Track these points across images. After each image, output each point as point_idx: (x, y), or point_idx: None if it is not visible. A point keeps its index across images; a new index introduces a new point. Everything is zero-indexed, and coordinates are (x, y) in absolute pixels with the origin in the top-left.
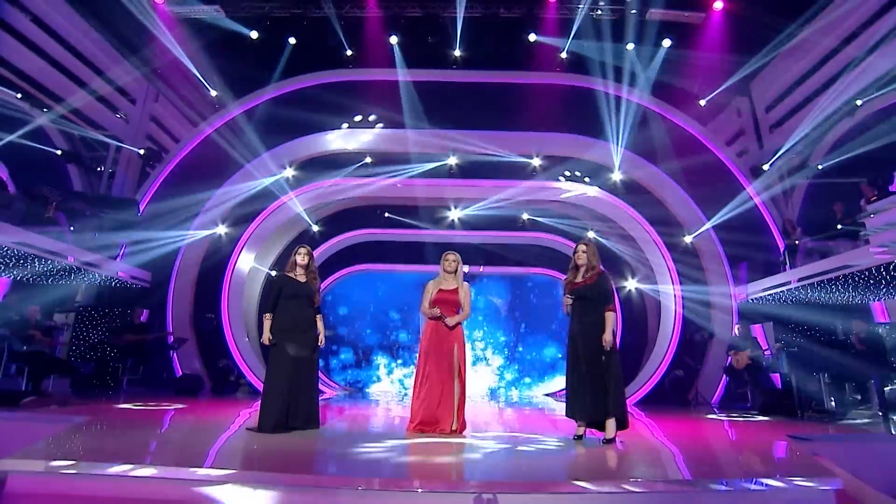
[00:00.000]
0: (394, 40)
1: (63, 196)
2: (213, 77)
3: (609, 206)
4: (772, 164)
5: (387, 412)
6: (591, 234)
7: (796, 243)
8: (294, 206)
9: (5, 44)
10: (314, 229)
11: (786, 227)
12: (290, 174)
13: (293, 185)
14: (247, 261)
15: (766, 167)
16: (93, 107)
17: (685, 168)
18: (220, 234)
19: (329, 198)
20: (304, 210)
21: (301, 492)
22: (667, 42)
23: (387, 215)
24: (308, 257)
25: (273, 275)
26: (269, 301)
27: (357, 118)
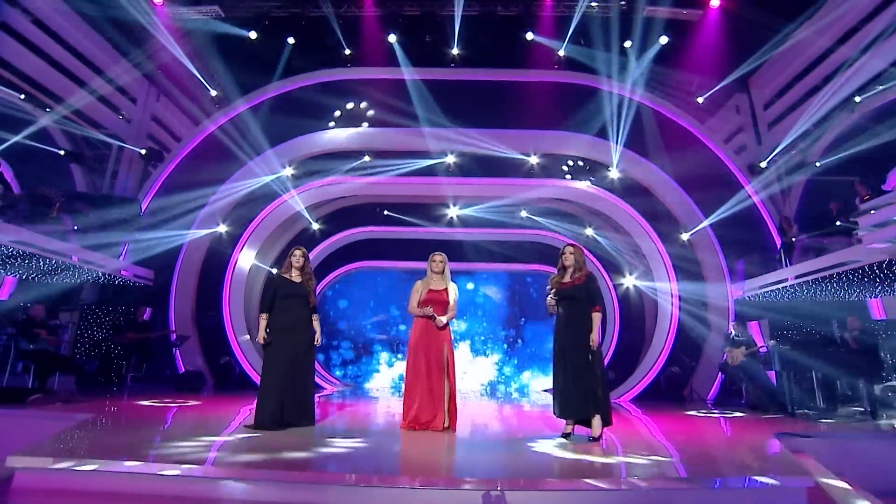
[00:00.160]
0: (392, 38)
1: (66, 196)
2: (213, 76)
3: (606, 204)
4: (769, 162)
5: (382, 408)
6: (588, 232)
7: (793, 240)
8: (294, 204)
9: (7, 46)
10: (314, 227)
11: (782, 224)
12: (289, 173)
13: (293, 184)
14: (248, 259)
15: (763, 164)
16: (94, 107)
17: (683, 165)
18: (221, 232)
19: (328, 196)
20: (305, 208)
21: (293, 488)
22: (664, 39)
23: (386, 213)
24: (303, 259)
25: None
26: (266, 301)
27: (356, 117)
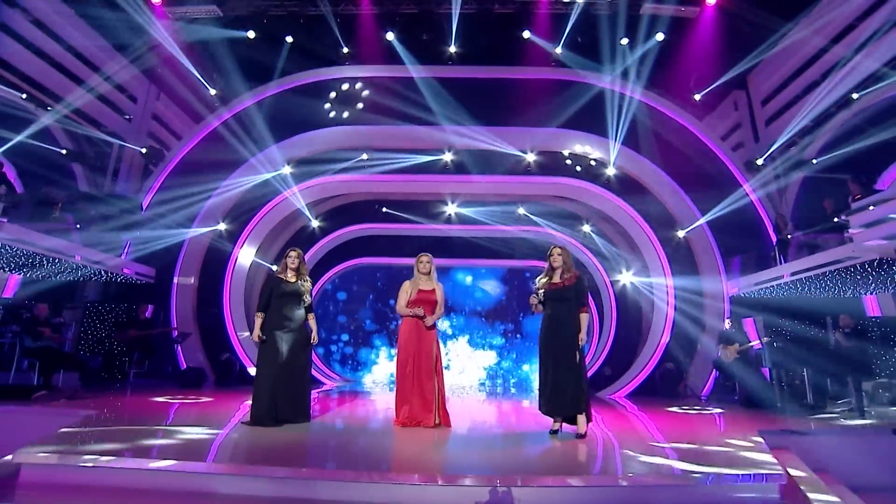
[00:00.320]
0: (390, 37)
1: (69, 196)
2: (212, 75)
3: (603, 200)
4: (766, 159)
5: (377, 405)
6: (585, 228)
7: (788, 238)
8: (294, 201)
9: (7, 46)
10: (314, 225)
11: (777, 222)
12: (287, 171)
13: (292, 182)
14: (248, 256)
15: (760, 162)
16: (95, 106)
17: (679, 163)
18: (222, 230)
19: (328, 193)
20: (304, 205)
21: (285, 484)
22: (660, 36)
23: (384, 210)
24: (298, 260)
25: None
26: (262, 301)
27: (354, 115)
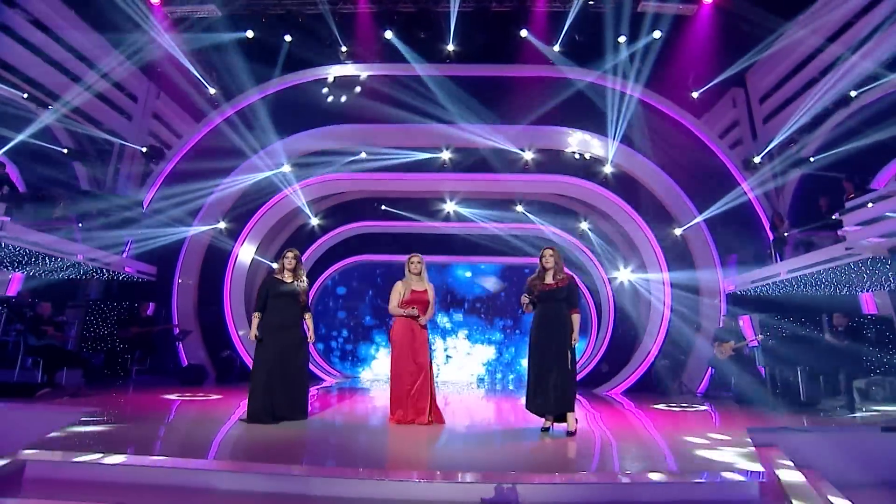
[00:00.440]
0: (389, 35)
1: (70, 195)
2: (211, 74)
3: (601, 198)
4: (763, 156)
5: (373, 402)
6: (583, 226)
7: (784, 235)
8: (294, 199)
9: (7, 46)
10: (314, 223)
11: (774, 220)
12: (287, 169)
13: (292, 180)
14: (248, 253)
15: (757, 160)
16: (95, 106)
17: (677, 160)
18: (222, 227)
19: (327, 191)
20: (304, 203)
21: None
22: (657, 33)
23: (383, 208)
24: (295, 261)
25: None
26: (259, 301)
27: (353, 113)
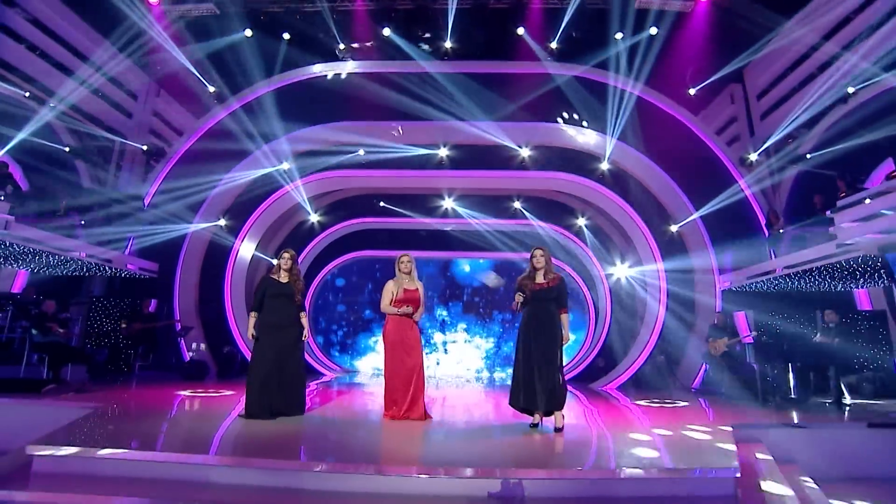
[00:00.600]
0: (387, 32)
1: (73, 193)
2: (211, 72)
3: (597, 195)
4: (760, 153)
5: (369, 397)
6: (580, 222)
7: (780, 232)
8: (295, 195)
9: (7, 46)
10: (313, 219)
11: (769, 216)
12: (286, 166)
13: (292, 177)
14: (248, 250)
15: (754, 156)
16: (96, 104)
17: (674, 157)
18: (222, 224)
19: (327, 188)
20: (304, 200)
21: (274, 474)
22: (654, 30)
23: (381, 204)
24: (291, 261)
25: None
26: (256, 301)
27: (352, 110)
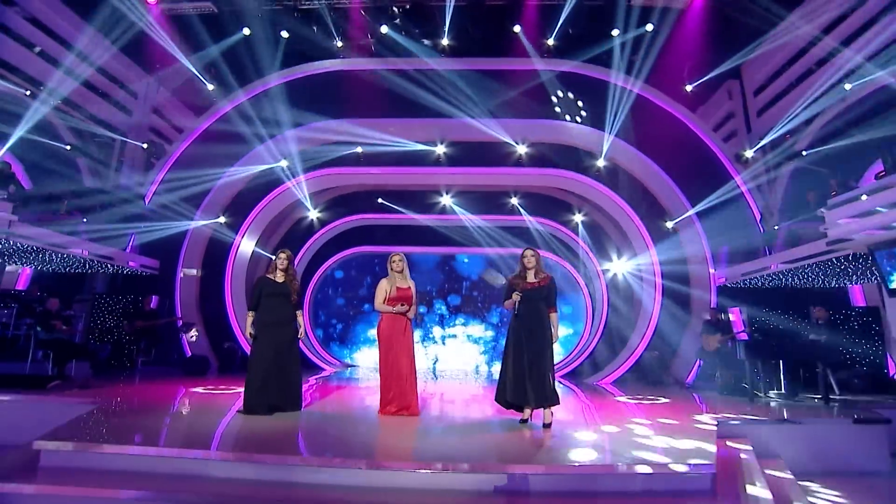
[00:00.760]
0: (385, 29)
1: (74, 192)
2: (210, 70)
3: (594, 191)
4: (756, 150)
5: (367, 392)
6: (577, 218)
7: (775, 229)
8: (296, 191)
9: (7, 46)
10: (313, 216)
11: (764, 213)
12: (284, 164)
13: (291, 174)
14: (249, 247)
15: (751, 153)
16: (96, 102)
17: (670, 153)
18: (222, 221)
19: (325, 184)
20: (304, 196)
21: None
22: (650, 26)
23: (379, 201)
24: (287, 261)
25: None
26: (253, 300)
27: (349, 108)
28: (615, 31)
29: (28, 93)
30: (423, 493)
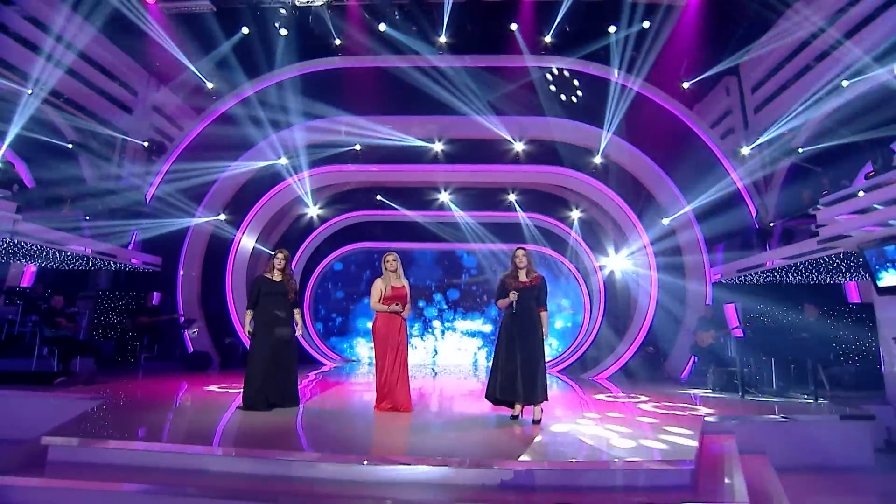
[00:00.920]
0: (382, 27)
1: (77, 190)
2: (209, 69)
3: (591, 188)
4: (753, 147)
5: (364, 388)
6: (575, 214)
7: (770, 225)
8: (296, 188)
9: (7, 45)
10: (313, 213)
11: (759, 210)
12: (283, 161)
13: (291, 170)
14: (249, 243)
15: (747, 150)
16: (97, 101)
17: (667, 150)
18: (223, 218)
19: (325, 181)
20: (305, 193)
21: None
22: (646, 24)
23: (378, 198)
24: (284, 261)
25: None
26: (251, 299)
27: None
28: (612, 28)
29: (30, 91)
30: (413, 488)
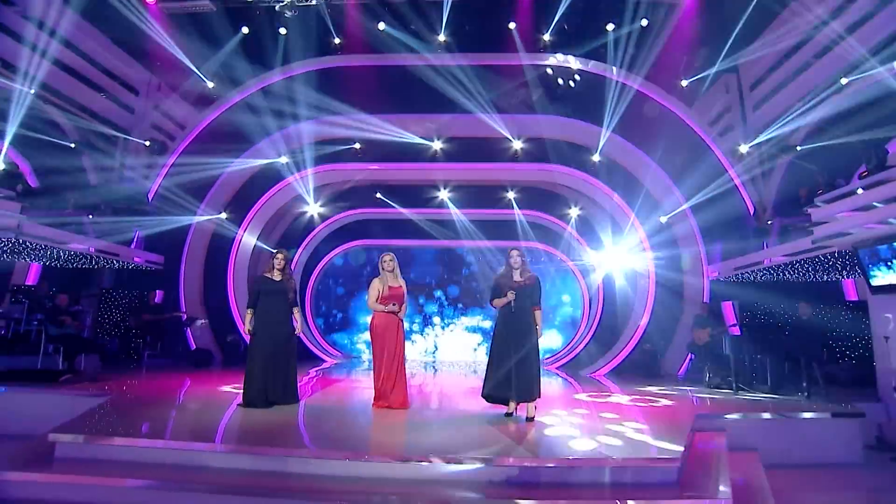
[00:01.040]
0: (382, 26)
1: (80, 190)
2: (209, 68)
3: (589, 186)
4: (751, 145)
5: (362, 385)
6: (574, 211)
7: (768, 223)
8: (296, 187)
9: (7, 45)
10: (313, 210)
11: (757, 208)
12: (283, 160)
13: (291, 170)
14: (250, 241)
15: (745, 148)
16: (98, 101)
17: (665, 148)
18: (224, 217)
19: (326, 180)
20: (305, 191)
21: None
22: (644, 21)
23: (378, 195)
24: (284, 262)
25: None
26: (251, 298)
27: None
28: (610, 26)
29: (32, 91)
30: (406, 483)
